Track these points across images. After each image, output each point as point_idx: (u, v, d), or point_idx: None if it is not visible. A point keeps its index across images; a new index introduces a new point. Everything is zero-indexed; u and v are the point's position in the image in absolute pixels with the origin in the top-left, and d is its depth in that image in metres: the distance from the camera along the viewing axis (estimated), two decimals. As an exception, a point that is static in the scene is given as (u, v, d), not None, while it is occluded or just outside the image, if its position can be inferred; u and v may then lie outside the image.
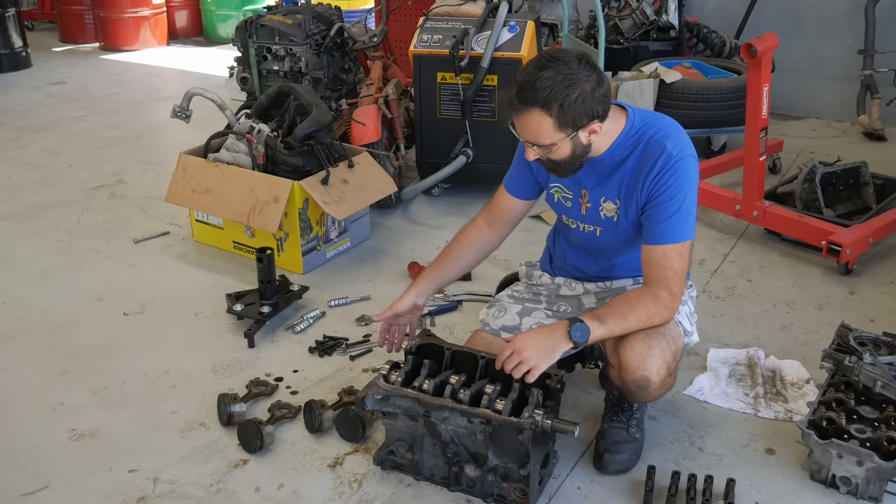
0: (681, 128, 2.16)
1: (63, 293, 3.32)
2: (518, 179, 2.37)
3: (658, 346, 2.10)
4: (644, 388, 2.14)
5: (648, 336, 2.09)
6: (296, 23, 4.25)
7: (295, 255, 3.44)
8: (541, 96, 1.94)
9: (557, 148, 2.03)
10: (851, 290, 3.28)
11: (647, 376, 2.10)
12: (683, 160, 2.07)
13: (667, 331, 2.13)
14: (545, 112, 1.96)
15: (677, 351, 2.16)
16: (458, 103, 3.98)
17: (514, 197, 2.39)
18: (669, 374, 2.17)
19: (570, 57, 1.97)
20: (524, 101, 1.96)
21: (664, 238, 2.08)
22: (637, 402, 2.29)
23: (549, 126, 1.98)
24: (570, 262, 2.43)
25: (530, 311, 2.41)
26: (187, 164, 3.59)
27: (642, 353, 2.09)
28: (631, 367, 2.10)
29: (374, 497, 2.20)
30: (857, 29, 5.15)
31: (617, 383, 2.23)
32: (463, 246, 2.42)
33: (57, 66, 7.45)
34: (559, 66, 1.94)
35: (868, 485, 2.14)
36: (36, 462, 2.36)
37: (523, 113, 1.98)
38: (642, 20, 5.13)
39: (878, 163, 4.11)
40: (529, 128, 2.00)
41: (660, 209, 2.08)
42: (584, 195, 2.24)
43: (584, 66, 1.97)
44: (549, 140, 2.01)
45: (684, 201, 2.07)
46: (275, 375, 2.74)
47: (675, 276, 2.08)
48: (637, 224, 2.18)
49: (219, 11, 8.39)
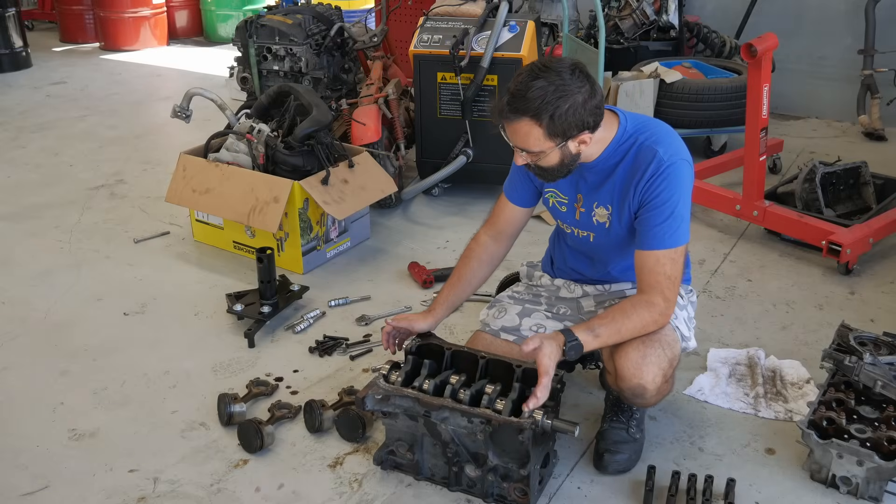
0: (674, 133, 2.14)
1: (63, 293, 3.32)
2: (519, 187, 2.37)
3: (654, 353, 2.09)
4: (640, 396, 2.14)
5: (644, 343, 2.08)
6: (296, 23, 4.25)
7: (295, 255, 3.44)
8: (531, 106, 1.94)
9: (546, 156, 2.04)
10: (851, 290, 3.28)
11: (642, 384, 2.09)
12: (675, 165, 2.06)
13: (663, 337, 2.12)
14: (535, 122, 1.96)
15: (674, 357, 2.15)
16: (458, 103, 3.98)
17: (518, 206, 2.38)
18: (666, 380, 2.16)
19: (563, 67, 1.97)
20: (515, 110, 1.97)
21: (657, 244, 2.07)
22: (637, 406, 2.29)
23: (538, 135, 1.98)
24: (570, 265, 2.44)
25: (530, 313, 2.41)
26: (187, 164, 3.59)
27: (637, 361, 2.08)
28: (626, 375, 2.09)
29: (374, 497, 2.20)
30: (857, 29, 5.15)
31: (613, 388, 2.24)
32: (473, 267, 2.40)
33: (57, 66, 7.45)
34: (552, 77, 1.94)
35: (868, 485, 2.14)
36: (36, 462, 2.35)
37: (512, 121, 1.99)
38: (642, 20, 5.13)
39: (878, 163, 4.11)
40: (519, 135, 2.01)
41: (652, 214, 2.07)
42: (578, 200, 2.25)
43: (577, 76, 1.96)
44: (538, 148, 2.02)
45: (677, 206, 2.06)
46: (275, 375, 2.74)
47: (669, 282, 2.07)
48: (630, 229, 2.17)
49: (219, 11, 8.39)
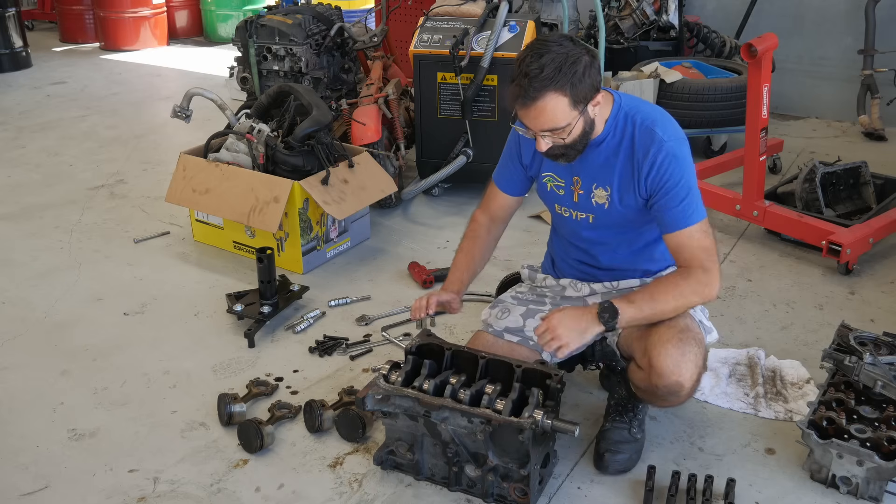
0: (666, 112, 2.20)
1: (63, 293, 3.32)
2: (510, 177, 2.42)
3: (691, 350, 2.09)
4: (676, 394, 2.12)
5: (682, 341, 2.08)
6: (296, 23, 4.25)
7: (295, 255, 3.44)
8: (553, 77, 1.96)
9: (572, 128, 2.05)
10: (851, 290, 3.28)
11: (680, 381, 2.08)
12: (676, 145, 2.11)
13: (696, 334, 2.13)
14: (559, 93, 1.98)
15: (706, 354, 2.17)
16: (458, 103, 3.98)
17: (509, 195, 2.44)
18: (698, 379, 2.15)
19: (559, 38, 2.03)
20: (538, 88, 1.97)
21: (683, 222, 2.10)
22: (660, 406, 2.27)
23: (564, 106, 2.00)
24: (573, 258, 2.43)
25: (534, 314, 2.39)
26: (187, 163, 3.59)
27: (677, 358, 2.07)
28: (665, 373, 2.08)
29: (374, 497, 2.20)
30: (857, 29, 5.15)
31: (642, 385, 2.18)
32: (485, 243, 2.46)
33: (57, 66, 7.45)
34: (555, 48, 1.98)
35: (868, 485, 2.14)
36: (36, 462, 2.35)
37: (538, 100, 1.99)
38: (642, 20, 5.13)
39: (878, 163, 4.11)
40: (546, 114, 2.01)
41: (669, 198, 2.10)
42: (576, 182, 2.26)
43: (574, 43, 2.02)
44: (566, 120, 2.02)
45: (690, 184, 2.10)
46: (275, 375, 2.74)
47: (706, 253, 2.09)
48: (634, 211, 2.19)
49: (219, 11, 8.39)
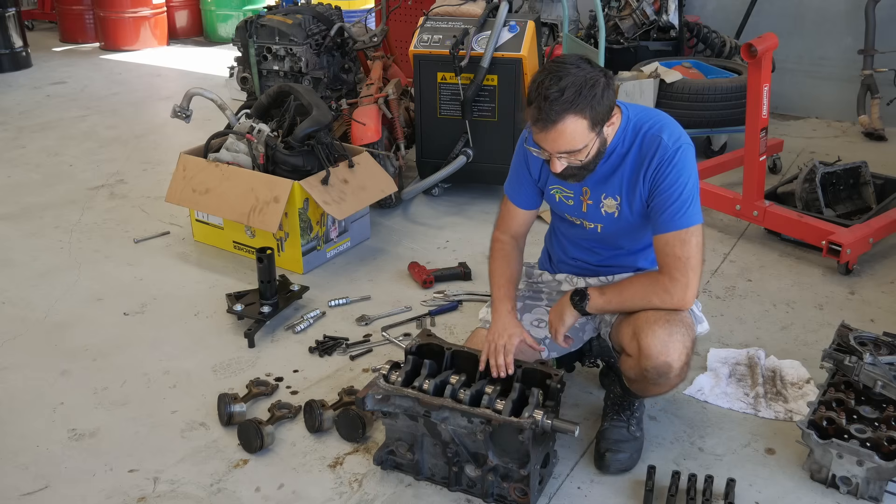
0: (673, 119, 2.21)
1: (63, 293, 3.32)
2: (525, 192, 2.39)
3: (679, 332, 2.12)
4: (665, 375, 2.13)
5: (669, 322, 2.12)
6: (296, 23, 4.25)
7: (295, 255, 3.44)
8: (573, 101, 1.97)
9: (588, 149, 2.06)
10: (851, 290, 3.28)
11: (668, 362, 2.10)
12: (680, 149, 2.12)
13: (685, 318, 2.17)
14: (579, 115, 1.98)
15: (694, 339, 2.19)
16: (458, 103, 3.98)
17: (525, 210, 2.42)
18: (687, 362, 2.16)
19: (574, 60, 2.03)
20: (559, 111, 1.97)
21: (667, 226, 2.13)
22: (649, 394, 2.28)
23: (583, 129, 2.01)
24: (572, 255, 2.45)
25: (531, 308, 2.42)
26: (187, 164, 3.59)
27: (664, 338, 2.10)
28: (653, 353, 2.10)
29: (374, 497, 2.20)
30: (857, 29, 5.15)
31: (632, 373, 2.20)
32: (516, 259, 2.42)
33: (57, 66, 7.44)
34: (574, 70, 1.99)
35: (868, 485, 2.14)
36: (36, 462, 2.35)
37: (558, 123, 1.99)
38: (642, 20, 5.13)
39: (878, 163, 4.11)
40: (565, 137, 2.01)
41: (661, 199, 2.13)
42: (584, 192, 2.26)
43: (589, 64, 2.03)
44: (584, 142, 2.03)
45: (684, 189, 2.11)
46: (275, 375, 2.74)
47: (678, 262, 2.11)
48: (641, 216, 2.22)
49: (219, 11, 8.39)
